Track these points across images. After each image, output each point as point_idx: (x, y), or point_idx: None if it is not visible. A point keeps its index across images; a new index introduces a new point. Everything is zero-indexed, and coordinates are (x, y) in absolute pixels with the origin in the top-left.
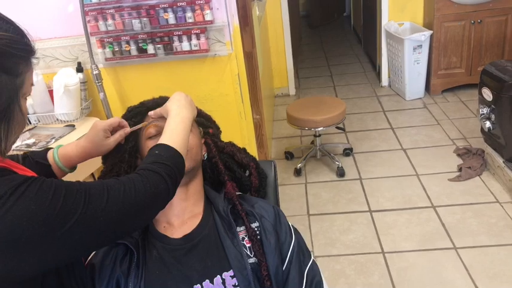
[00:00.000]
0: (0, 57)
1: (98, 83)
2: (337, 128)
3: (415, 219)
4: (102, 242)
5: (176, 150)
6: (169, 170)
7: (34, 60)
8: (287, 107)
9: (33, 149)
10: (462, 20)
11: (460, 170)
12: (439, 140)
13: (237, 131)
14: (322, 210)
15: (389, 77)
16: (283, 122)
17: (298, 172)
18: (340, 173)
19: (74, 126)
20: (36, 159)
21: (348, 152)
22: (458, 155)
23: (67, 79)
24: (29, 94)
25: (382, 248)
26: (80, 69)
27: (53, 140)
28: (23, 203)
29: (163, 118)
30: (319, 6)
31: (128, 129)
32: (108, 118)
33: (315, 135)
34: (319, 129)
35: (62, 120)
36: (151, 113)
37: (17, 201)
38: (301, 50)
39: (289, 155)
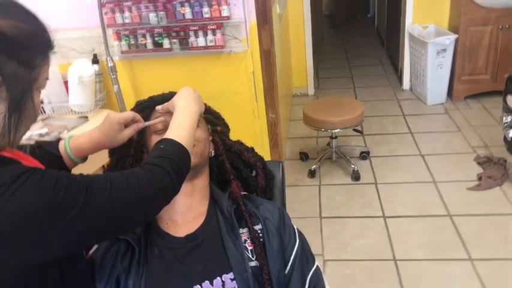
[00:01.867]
0: (19, 49)
1: (113, 75)
2: (355, 130)
3: (430, 227)
4: (103, 236)
5: (182, 145)
6: (174, 164)
7: (52, 55)
8: (304, 107)
9: (45, 138)
10: (489, 24)
11: (479, 179)
12: (459, 147)
13: (250, 129)
14: (335, 214)
15: (411, 80)
16: (300, 122)
17: (312, 173)
18: (356, 176)
19: (87, 117)
20: (49, 151)
21: (364, 155)
22: (479, 163)
23: (82, 70)
24: (43, 87)
25: (394, 255)
26: (95, 60)
27: (66, 131)
28: (24, 192)
29: (171, 113)
30: (343, 6)
31: (141, 124)
32: (121, 111)
33: (331, 137)
34: (336, 131)
35: (75, 112)
36: (158, 107)
37: (18, 190)
38: (322, 49)
39: (304, 156)
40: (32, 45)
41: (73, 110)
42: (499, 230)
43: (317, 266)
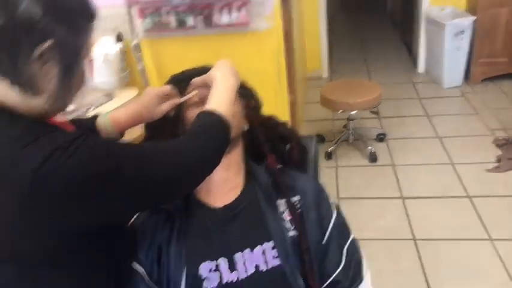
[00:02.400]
0: (69, 14)
1: (137, 53)
2: (372, 112)
3: (449, 208)
4: (148, 204)
5: (223, 116)
6: (216, 134)
7: (95, 25)
8: (321, 89)
9: (73, 115)
10: (508, 5)
11: (499, 160)
12: (476, 130)
13: (272, 110)
14: (353, 195)
15: (426, 63)
16: (315, 105)
17: (329, 156)
18: (373, 158)
19: (112, 95)
20: (86, 126)
21: (381, 137)
22: (498, 145)
23: (107, 49)
24: (89, 56)
25: (413, 235)
26: (119, 39)
27: (92, 107)
28: (79, 156)
29: (206, 86)
30: None
31: (177, 100)
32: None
33: (348, 119)
34: (353, 112)
35: (100, 89)
36: (195, 80)
37: (73, 154)
38: (334, 33)
39: (320, 138)
40: (80, 11)
41: (97, 88)
42: None
43: (353, 237)
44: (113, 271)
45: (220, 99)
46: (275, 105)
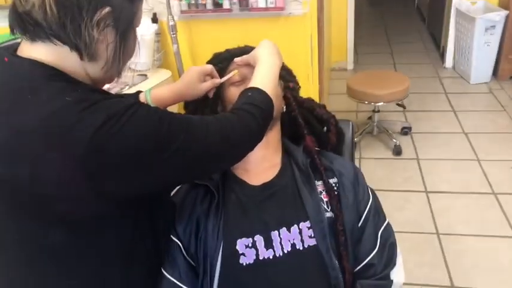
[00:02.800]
0: None
1: (173, 34)
2: (398, 105)
3: (474, 204)
4: (195, 175)
5: (267, 94)
6: (261, 112)
7: None
8: (347, 80)
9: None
10: None
11: None
12: (504, 127)
13: (303, 95)
14: (376, 186)
15: (454, 58)
16: (339, 96)
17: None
18: (397, 151)
19: (146, 75)
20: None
21: (406, 130)
22: None
23: (143, 29)
24: (138, 25)
25: (437, 229)
26: (155, 20)
27: (127, 87)
28: (134, 123)
29: (248, 65)
30: None
31: (217, 80)
32: (179, 71)
33: (373, 111)
34: (380, 104)
35: (134, 69)
36: (237, 59)
37: (128, 120)
38: (360, 25)
39: None
40: None
41: (132, 68)
42: None
43: (388, 222)
44: (154, 240)
45: (265, 78)
46: (307, 90)
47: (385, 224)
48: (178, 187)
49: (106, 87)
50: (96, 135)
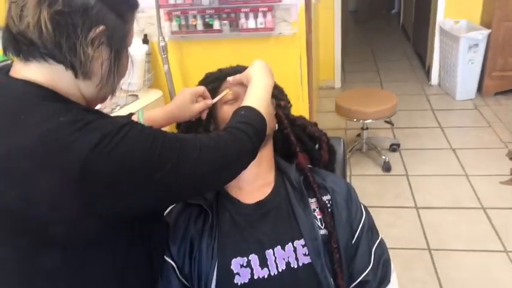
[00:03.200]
0: (120, 3)
1: (164, 55)
2: (386, 122)
3: (464, 219)
4: (188, 194)
5: (260, 113)
6: (254, 130)
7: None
8: (336, 97)
9: None
10: None
11: None
12: (490, 142)
13: (294, 113)
14: (367, 203)
15: (439, 75)
16: (328, 114)
17: None
18: (387, 167)
19: (137, 96)
20: None
21: (394, 147)
22: (511, 158)
23: (134, 49)
24: (131, 44)
25: (428, 245)
26: (145, 41)
27: (118, 108)
28: (127, 143)
29: (240, 85)
30: (368, 3)
31: (210, 101)
32: (170, 91)
33: (362, 128)
34: (368, 121)
35: (125, 90)
36: (230, 78)
37: (122, 140)
38: (347, 44)
39: None
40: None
41: (123, 88)
42: None
43: (381, 238)
44: (148, 261)
45: (258, 97)
46: (296, 109)
47: (378, 241)
48: (171, 207)
49: (98, 107)
50: (90, 155)
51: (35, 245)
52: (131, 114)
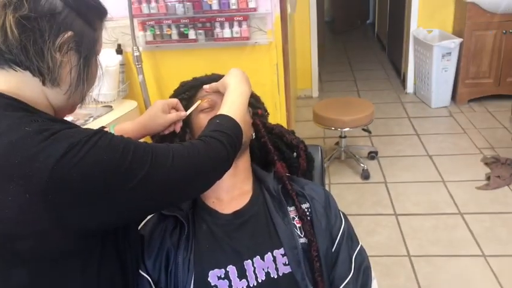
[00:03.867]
0: (86, 8)
1: (138, 65)
2: (364, 130)
3: (442, 224)
4: (161, 204)
5: (236, 121)
6: (230, 139)
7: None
8: (314, 106)
9: None
10: (494, 29)
11: (488, 178)
12: (465, 148)
13: (272, 121)
14: (346, 211)
15: (414, 84)
16: (306, 123)
17: None
18: (365, 175)
19: (111, 107)
20: None
21: (372, 155)
22: (486, 163)
23: (107, 60)
24: (100, 52)
25: (408, 252)
26: (119, 51)
27: (91, 119)
28: (96, 153)
29: (217, 93)
30: (343, 13)
31: (183, 113)
32: (145, 101)
33: (340, 136)
34: (346, 129)
35: (99, 101)
36: (206, 86)
37: (92, 149)
38: (324, 54)
39: None
40: (94, 7)
41: (97, 100)
42: (510, 228)
43: (361, 246)
44: (123, 276)
45: (234, 105)
46: (274, 117)
47: (358, 248)
48: (146, 219)
49: (70, 119)
50: (58, 165)
51: (2, 264)
52: (102, 128)
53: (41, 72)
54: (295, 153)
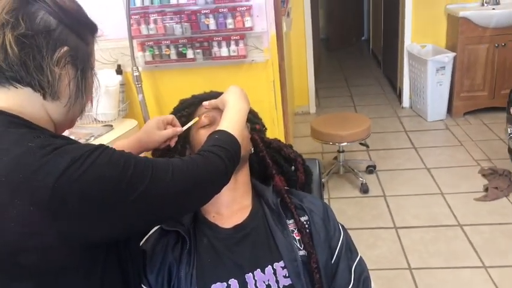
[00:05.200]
0: (78, 24)
1: (138, 84)
2: (361, 144)
3: (442, 236)
4: (160, 218)
5: (234, 136)
6: (228, 153)
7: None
8: (311, 122)
9: None
10: (486, 43)
11: (486, 190)
12: (463, 161)
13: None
14: (347, 225)
15: (410, 98)
16: (304, 139)
17: None
18: (364, 189)
19: (111, 126)
20: None
21: (371, 169)
22: (484, 175)
23: (107, 80)
24: (94, 66)
25: (409, 264)
26: (119, 71)
27: (92, 138)
28: (97, 167)
29: (216, 109)
30: (338, 30)
31: (179, 129)
32: (145, 120)
33: (338, 151)
34: (344, 144)
35: (99, 121)
36: (206, 103)
37: (92, 165)
38: (320, 71)
39: None
40: (85, 23)
41: (97, 119)
42: (510, 238)
43: (360, 256)
44: (123, 286)
45: (232, 121)
46: (272, 133)
47: (358, 259)
48: (148, 235)
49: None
50: (60, 179)
51: (4, 278)
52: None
53: (42, 86)
54: (293, 167)
